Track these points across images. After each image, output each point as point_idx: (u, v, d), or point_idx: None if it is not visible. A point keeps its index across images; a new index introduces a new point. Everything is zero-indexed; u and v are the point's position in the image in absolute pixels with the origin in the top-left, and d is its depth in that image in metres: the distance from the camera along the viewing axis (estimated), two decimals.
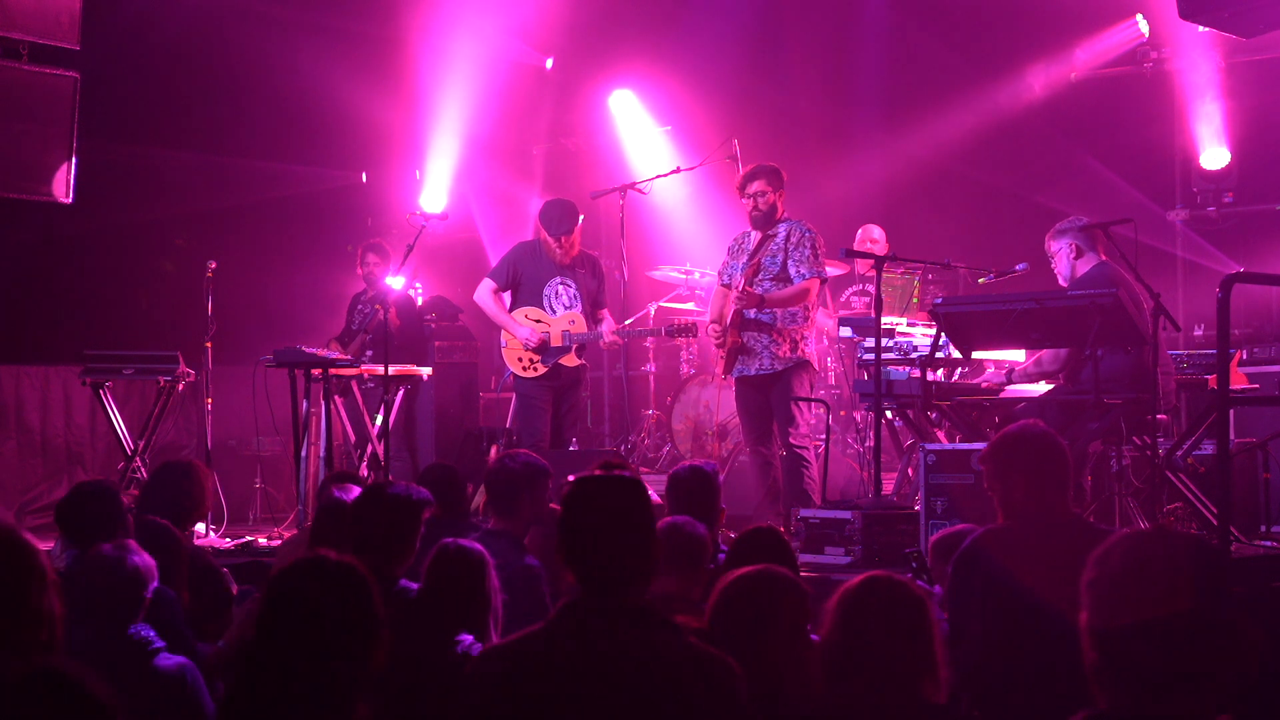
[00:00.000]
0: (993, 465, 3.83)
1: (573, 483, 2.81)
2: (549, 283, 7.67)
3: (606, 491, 2.76)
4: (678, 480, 4.82)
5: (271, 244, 10.42)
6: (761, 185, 7.03)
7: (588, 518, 2.73)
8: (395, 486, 4.35)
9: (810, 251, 6.97)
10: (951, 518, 5.53)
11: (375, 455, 8.24)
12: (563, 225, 7.54)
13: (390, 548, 4.14)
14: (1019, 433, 3.86)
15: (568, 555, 2.73)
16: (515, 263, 7.76)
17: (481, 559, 3.91)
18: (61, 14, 8.82)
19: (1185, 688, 2.05)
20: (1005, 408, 6.41)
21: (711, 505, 4.73)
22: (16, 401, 9.13)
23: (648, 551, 2.73)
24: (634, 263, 8.43)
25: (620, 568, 2.69)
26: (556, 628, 2.68)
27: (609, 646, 2.62)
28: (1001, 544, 3.68)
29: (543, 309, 7.68)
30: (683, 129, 10.76)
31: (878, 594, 2.75)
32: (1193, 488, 6.02)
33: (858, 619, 2.72)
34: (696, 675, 2.62)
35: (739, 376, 7.08)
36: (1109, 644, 2.09)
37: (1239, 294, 7.52)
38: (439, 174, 10.71)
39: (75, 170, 8.96)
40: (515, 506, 5.00)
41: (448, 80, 10.52)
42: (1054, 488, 3.73)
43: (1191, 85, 9.65)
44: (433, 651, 3.70)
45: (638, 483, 2.81)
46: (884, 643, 2.69)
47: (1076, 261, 6.41)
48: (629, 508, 2.74)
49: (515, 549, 4.79)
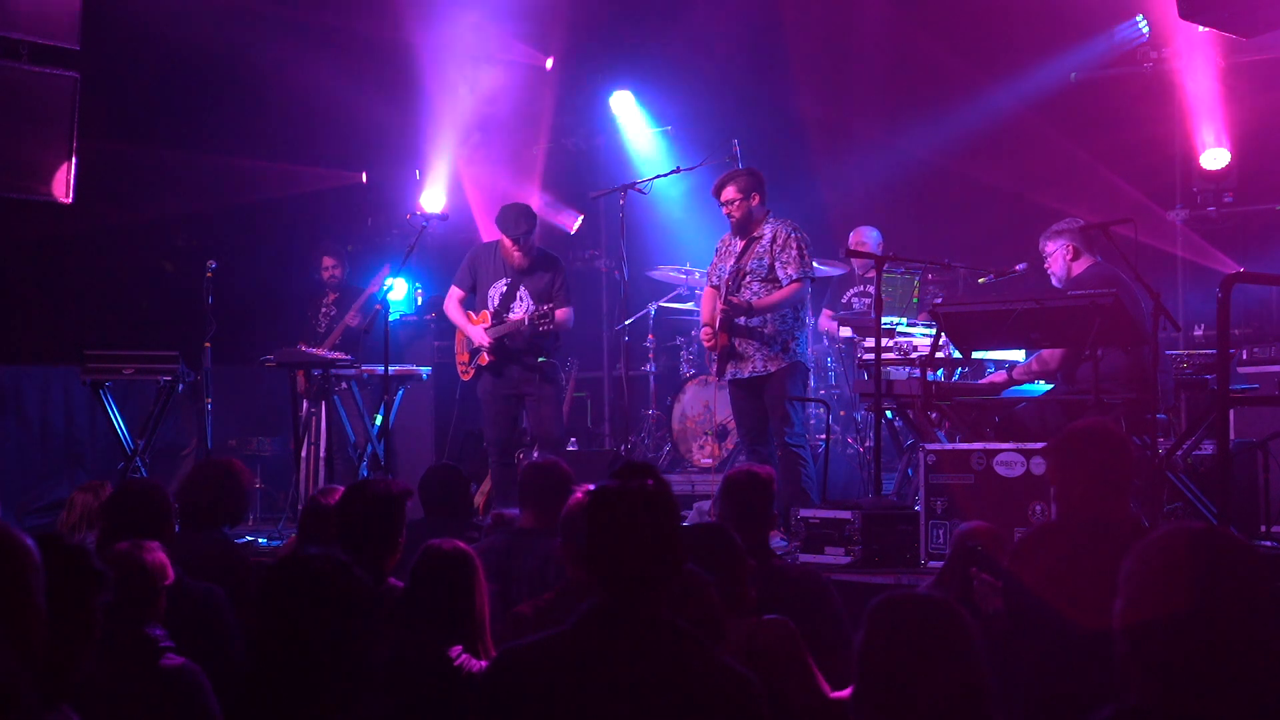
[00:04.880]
0: (1055, 459, 3.83)
1: (598, 490, 2.81)
2: (494, 284, 7.69)
3: (632, 499, 2.75)
4: (733, 483, 4.73)
5: (271, 244, 10.42)
6: (731, 193, 7.00)
7: (613, 525, 2.73)
8: (374, 483, 4.37)
9: (797, 252, 6.93)
10: (951, 518, 5.53)
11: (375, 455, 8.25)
12: (517, 227, 7.52)
13: (375, 544, 4.15)
14: (1086, 429, 3.86)
15: (593, 561, 2.73)
16: (472, 264, 7.81)
17: (468, 558, 3.90)
18: (61, 14, 8.82)
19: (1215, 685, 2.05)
20: (1005, 407, 6.41)
21: (765, 509, 4.66)
22: (16, 401, 9.13)
23: (671, 558, 2.73)
24: (634, 263, 8.43)
25: (644, 574, 2.69)
26: (581, 634, 2.67)
27: (634, 657, 2.62)
28: (1053, 541, 3.68)
29: (487, 310, 7.71)
30: (683, 129, 10.75)
31: (902, 619, 2.49)
32: (1193, 488, 6.02)
33: (895, 654, 2.46)
34: (719, 692, 2.62)
35: (732, 379, 7.07)
36: (1141, 637, 2.09)
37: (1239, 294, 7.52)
38: (439, 174, 10.71)
39: (75, 170, 8.96)
40: (552, 507, 5.02)
41: (448, 80, 10.52)
42: (1115, 489, 3.73)
43: (1191, 85, 9.64)
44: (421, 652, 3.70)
45: (662, 490, 2.80)
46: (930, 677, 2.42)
47: (1073, 263, 6.41)
48: (653, 515, 2.73)
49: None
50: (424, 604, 3.80)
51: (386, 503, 4.21)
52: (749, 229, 7.03)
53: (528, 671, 2.67)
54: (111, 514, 4.66)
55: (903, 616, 2.50)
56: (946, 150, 10.16)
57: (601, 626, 2.67)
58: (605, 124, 11.32)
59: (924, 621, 2.48)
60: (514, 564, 4.79)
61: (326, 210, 10.81)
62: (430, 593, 3.82)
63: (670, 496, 2.80)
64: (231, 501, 5.19)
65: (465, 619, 3.81)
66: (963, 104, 10.10)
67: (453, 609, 3.80)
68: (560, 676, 2.62)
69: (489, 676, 2.74)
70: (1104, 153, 9.82)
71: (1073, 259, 6.39)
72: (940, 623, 2.48)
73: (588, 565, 2.76)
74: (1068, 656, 3.48)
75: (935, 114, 10.14)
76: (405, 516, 4.28)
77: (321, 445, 8.33)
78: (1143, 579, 2.13)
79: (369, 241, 10.77)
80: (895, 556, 5.75)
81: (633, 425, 9.27)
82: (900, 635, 2.46)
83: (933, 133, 10.14)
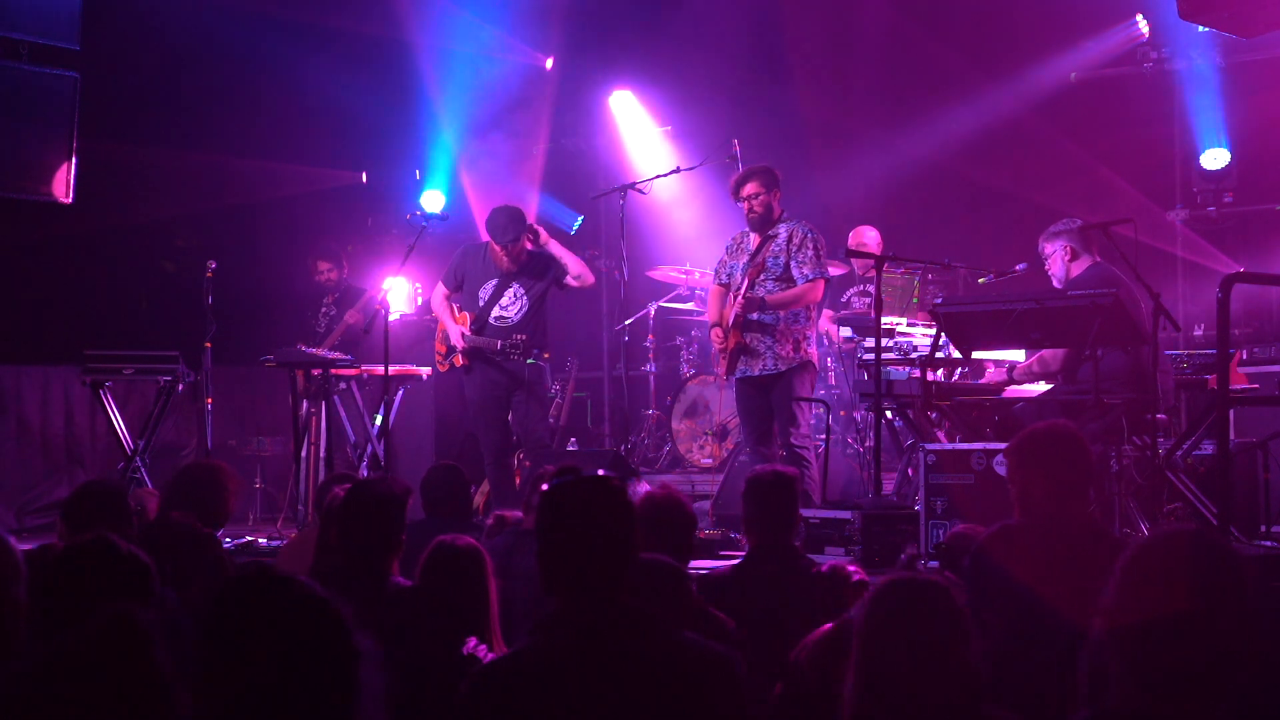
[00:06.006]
0: (1015, 460, 3.83)
1: (543, 492, 2.77)
2: (484, 284, 7.68)
3: (577, 496, 2.71)
4: (757, 484, 4.65)
5: (271, 244, 10.42)
6: (754, 187, 7.00)
7: (561, 524, 2.69)
8: (375, 482, 4.37)
9: (813, 252, 6.95)
10: (951, 518, 5.54)
11: (375, 455, 8.26)
12: (506, 233, 7.50)
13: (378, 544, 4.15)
14: (1046, 431, 3.86)
15: (545, 563, 2.68)
16: (461, 264, 7.80)
17: (479, 553, 3.92)
18: (61, 14, 8.82)
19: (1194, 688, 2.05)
20: (1005, 408, 6.41)
21: (791, 510, 4.62)
22: (17, 401, 9.13)
23: (625, 552, 2.69)
24: (634, 263, 8.43)
25: (599, 571, 2.65)
26: (549, 641, 2.63)
27: (606, 654, 2.59)
28: (1014, 542, 3.69)
29: (472, 311, 7.71)
30: (683, 129, 10.75)
31: (902, 600, 2.49)
32: (1193, 488, 6.02)
33: (886, 632, 2.47)
34: (695, 670, 2.61)
35: (741, 377, 7.07)
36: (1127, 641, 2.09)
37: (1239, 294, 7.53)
38: (439, 174, 10.72)
39: (75, 170, 8.96)
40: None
41: (448, 80, 10.53)
42: (1073, 490, 3.73)
43: (1191, 85, 9.64)
44: (435, 650, 3.71)
45: (606, 483, 2.76)
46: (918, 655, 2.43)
47: (1071, 264, 6.41)
48: (601, 510, 2.69)
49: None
50: (436, 598, 3.81)
51: (388, 502, 4.21)
52: (767, 226, 7.04)
53: (500, 690, 2.61)
54: (69, 513, 4.65)
55: (901, 595, 2.50)
56: (946, 150, 10.16)
57: (563, 629, 2.62)
58: (605, 124, 11.32)
59: (919, 600, 2.47)
60: (514, 562, 4.79)
61: (326, 210, 10.81)
62: (442, 587, 3.83)
63: (620, 490, 2.75)
64: (215, 504, 5.19)
65: (476, 612, 3.81)
66: (963, 104, 10.10)
67: (464, 602, 3.81)
68: (532, 688, 2.57)
69: (464, 701, 2.66)
70: (1104, 153, 9.83)
71: (1071, 259, 6.40)
72: (935, 603, 2.47)
73: (541, 572, 2.69)
74: (1031, 656, 3.49)
75: (935, 114, 10.14)
76: (407, 516, 4.28)
77: (321, 445, 8.33)
78: (1131, 583, 2.13)
79: (369, 241, 10.77)
80: (895, 556, 5.75)
81: (633, 425, 9.27)
82: (897, 613, 2.46)
83: (933, 133, 10.14)
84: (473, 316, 7.65)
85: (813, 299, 6.99)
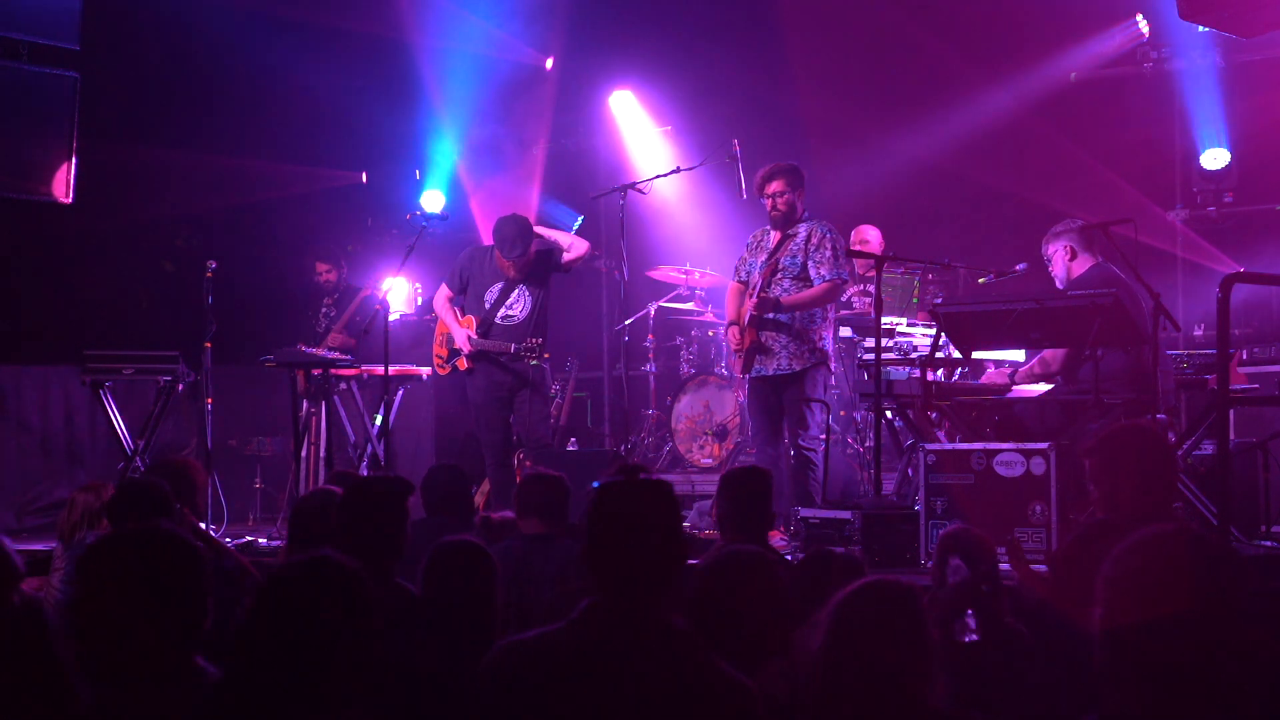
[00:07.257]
0: (1101, 459, 3.87)
1: (598, 489, 2.81)
2: (490, 288, 7.68)
3: (632, 497, 2.75)
4: (730, 480, 4.73)
5: (271, 244, 10.42)
6: (780, 185, 7.00)
7: (614, 523, 2.73)
8: (376, 481, 4.37)
9: (831, 252, 6.94)
10: (951, 518, 5.54)
11: (375, 455, 8.26)
12: (515, 249, 7.49)
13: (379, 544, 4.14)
14: (1132, 429, 3.92)
15: (592, 559, 2.73)
16: (464, 266, 7.80)
17: (484, 553, 3.91)
18: (61, 14, 8.83)
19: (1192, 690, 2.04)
20: (1005, 408, 6.41)
21: (763, 506, 4.66)
22: (17, 401, 9.13)
23: (671, 555, 2.74)
24: (634, 263, 8.42)
25: (646, 572, 2.69)
26: (579, 631, 2.67)
27: (629, 656, 2.61)
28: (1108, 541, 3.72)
29: (477, 315, 7.70)
30: (683, 129, 10.76)
31: (867, 599, 2.69)
32: (1193, 488, 6.02)
33: (848, 626, 2.65)
34: (714, 696, 2.61)
35: (756, 375, 7.06)
36: (1120, 643, 2.08)
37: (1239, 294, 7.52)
38: (439, 174, 10.72)
39: (75, 170, 8.96)
40: (558, 514, 5.09)
41: (448, 80, 10.53)
42: (1161, 487, 3.81)
43: (1191, 85, 9.64)
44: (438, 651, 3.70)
45: (661, 487, 2.80)
46: (876, 649, 2.62)
47: (1072, 264, 6.41)
48: (654, 513, 2.74)
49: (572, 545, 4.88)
50: (441, 599, 3.81)
51: (389, 502, 4.20)
52: (788, 225, 7.03)
53: (524, 666, 2.66)
54: (115, 512, 4.68)
55: (867, 592, 2.70)
56: (946, 150, 10.16)
57: (599, 624, 2.66)
58: (605, 124, 11.32)
59: (882, 596, 2.68)
60: (533, 569, 4.80)
61: (326, 210, 10.81)
62: (447, 587, 3.83)
63: (673, 495, 2.80)
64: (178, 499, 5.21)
65: (482, 612, 3.81)
66: (963, 104, 10.10)
67: (469, 603, 3.81)
68: (555, 672, 2.62)
69: (486, 669, 2.73)
70: (1104, 153, 9.83)
71: (1072, 259, 6.40)
72: (896, 599, 2.67)
73: (588, 562, 2.75)
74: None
75: (935, 114, 10.14)
76: (408, 515, 4.27)
77: (321, 445, 8.33)
78: (1123, 584, 2.12)
79: (369, 241, 10.77)
80: (895, 556, 5.76)
81: (633, 425, 9.26)
82: (860, 607, 2.66)
83: (933, 133, 10.14)
84: (478, 319, 7.65)
85: (829, 300, 6.98)
